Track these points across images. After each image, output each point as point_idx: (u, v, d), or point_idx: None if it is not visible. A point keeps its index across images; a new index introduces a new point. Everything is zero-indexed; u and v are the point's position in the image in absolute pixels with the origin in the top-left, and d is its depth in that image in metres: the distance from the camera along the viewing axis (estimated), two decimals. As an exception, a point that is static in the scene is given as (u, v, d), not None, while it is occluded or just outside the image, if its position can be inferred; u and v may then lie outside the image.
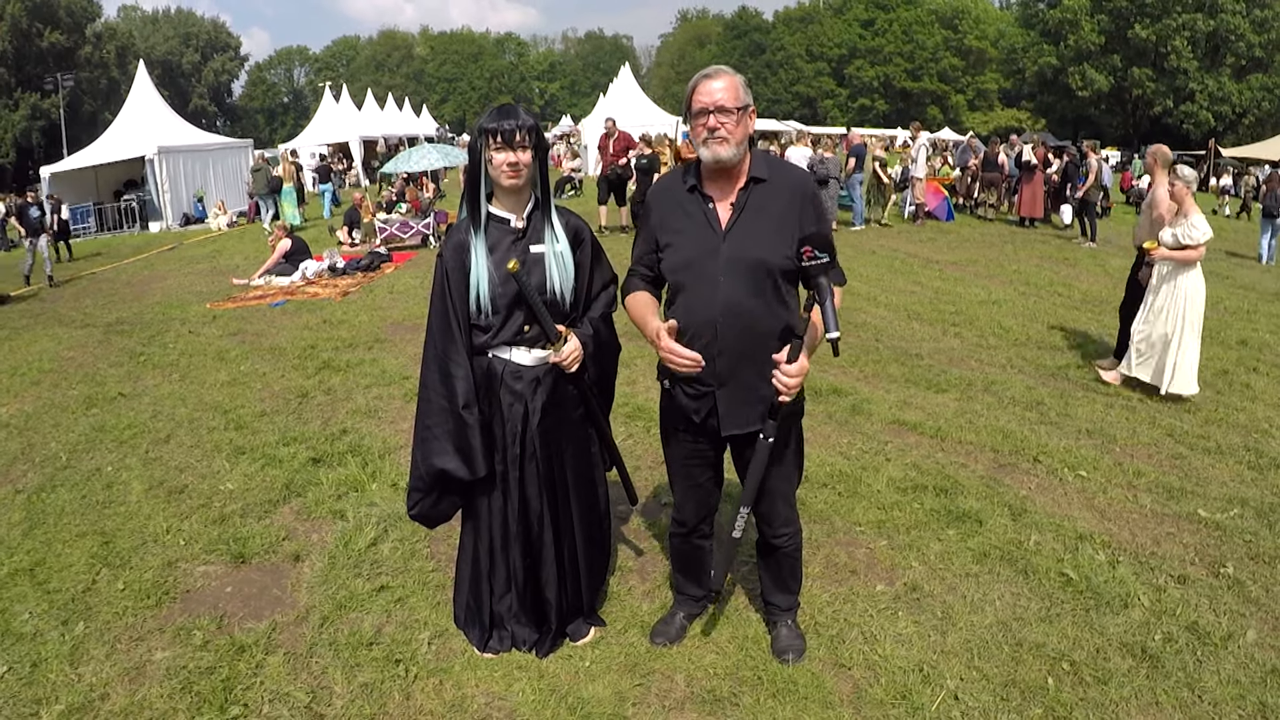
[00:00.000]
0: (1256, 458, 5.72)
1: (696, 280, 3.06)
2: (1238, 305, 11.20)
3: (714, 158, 2.99)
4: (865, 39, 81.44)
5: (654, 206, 3.23)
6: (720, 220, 3.06)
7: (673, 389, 3.25)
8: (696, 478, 3.38)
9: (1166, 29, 50.91)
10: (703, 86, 3.00)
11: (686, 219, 3.11)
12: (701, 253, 3.04)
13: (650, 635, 3.66)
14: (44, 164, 27.64)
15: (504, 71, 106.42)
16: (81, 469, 5.85)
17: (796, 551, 3.51)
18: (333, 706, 3.31)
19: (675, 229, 3.12)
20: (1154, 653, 3.54)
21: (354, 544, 4.53)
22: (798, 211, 3.05)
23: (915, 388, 7.20)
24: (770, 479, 3.24)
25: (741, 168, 3.08)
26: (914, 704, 3.24)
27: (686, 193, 3.12)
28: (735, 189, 3.08)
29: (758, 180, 3.07)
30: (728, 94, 2.96)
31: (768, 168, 3.11)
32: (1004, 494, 5.07)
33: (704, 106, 2.97)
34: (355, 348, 8.94)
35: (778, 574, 3.56)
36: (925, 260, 14.02)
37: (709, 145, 2.98)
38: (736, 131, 2.97)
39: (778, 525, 3.39)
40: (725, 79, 2.99)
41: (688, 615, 3.73)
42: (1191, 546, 4.50)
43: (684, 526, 3.52)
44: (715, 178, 3.10)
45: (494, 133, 3.11)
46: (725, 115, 2.95)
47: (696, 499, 3.42)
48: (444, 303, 3.26)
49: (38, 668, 3.60)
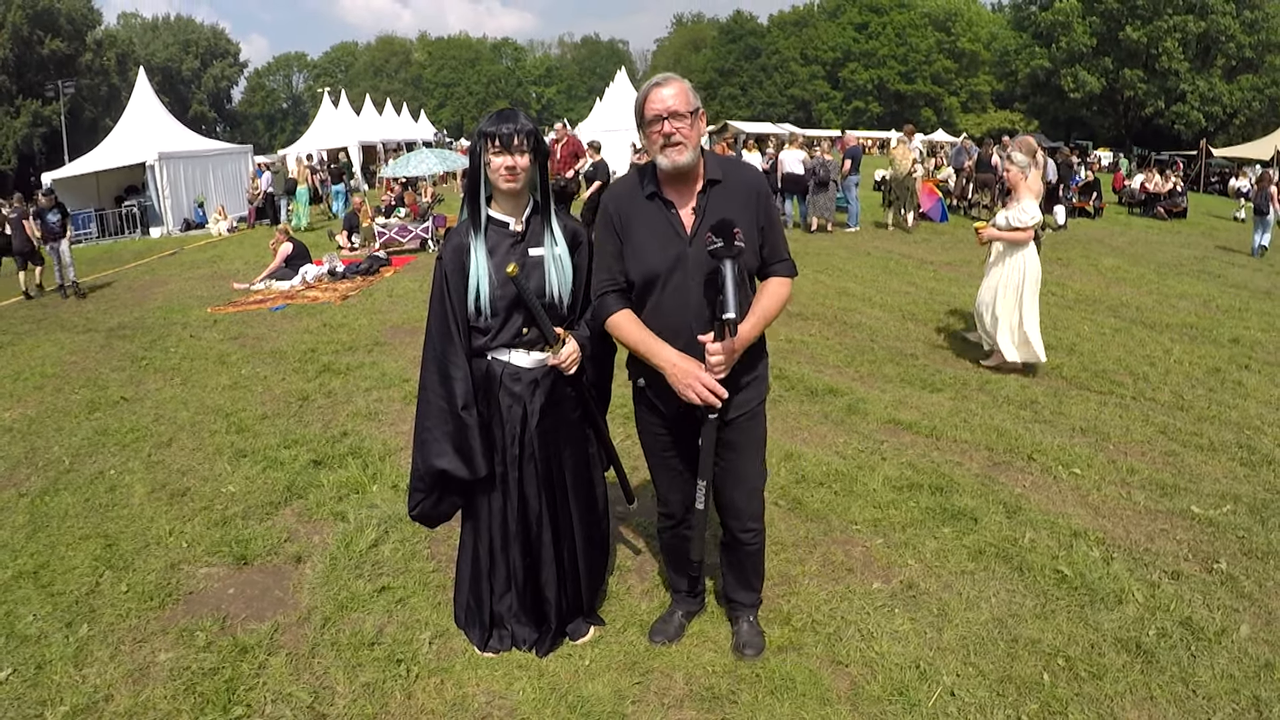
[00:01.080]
0: (1249, 454, 5.73)
1: (666, 286, 3.08)
2: (1229, 303, 11.21)
3: (672, 164, 3.01)
4: (859, 42, 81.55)
5: (613, 214, 3.19)
6: (685, 225, 3.08)
7: (646, 388, 3.27)
8: (676, 466, 3.38)
9: (1157, 30, 51.02)
10: (654, 94, 3.01)
11: (650, 226, 3.11)
12: (669, 259, 3.06)
13: (649, 634, 3.66)
14: (45, 170, 27.60)
15: (501, 76, 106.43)
16: (84, 472, 5.84)
17: (760, 550, 3.53)
18: (335, 706, 3.31)
19: (640, 237, 3.12)
20: (1148, 648, 3.55)
21: (355, 545, 4.53)
22: (754, 209, 3.11)
23: (910, 387, 7.21)
24: (739, 466, 3.29)
25: (698, 170, 3.11)
26: (911, 700, 3.24)
27: (646, 200, 3.12)
28: (694, 192, 3.11)
29: (714, 182, 3.10)
30: (679, 99, 2.98)
31: (722, 169, 3.15)
32: (999, 492, 5.08)
33: (657, 113, 2.98)
34: (355, 351, 8.94)
35: (741, 571, 3.57)
36: (920, 261, 14.04)
37: (667, 152, 3.00)
38: (691, 135, 3.00)
39: (746, 519, 3.40)
40: (675, 85, 3.02)
41: (686, 614, 3.74)
42: (1185, 543, 4.51)
43: (671, 519, 3.51)
44: (673, 183, 3.11)
45: (492, 137, 3.12)
46: (679, 120, 2.97)
47: (680, 488, 3.40)
48: (443, 305, 3.26)
49: (42, 670, 3.60)
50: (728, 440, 3.26)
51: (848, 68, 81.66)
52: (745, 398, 3.22)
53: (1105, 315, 10.17)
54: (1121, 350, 8.51)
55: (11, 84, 58.43)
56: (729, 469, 3.33)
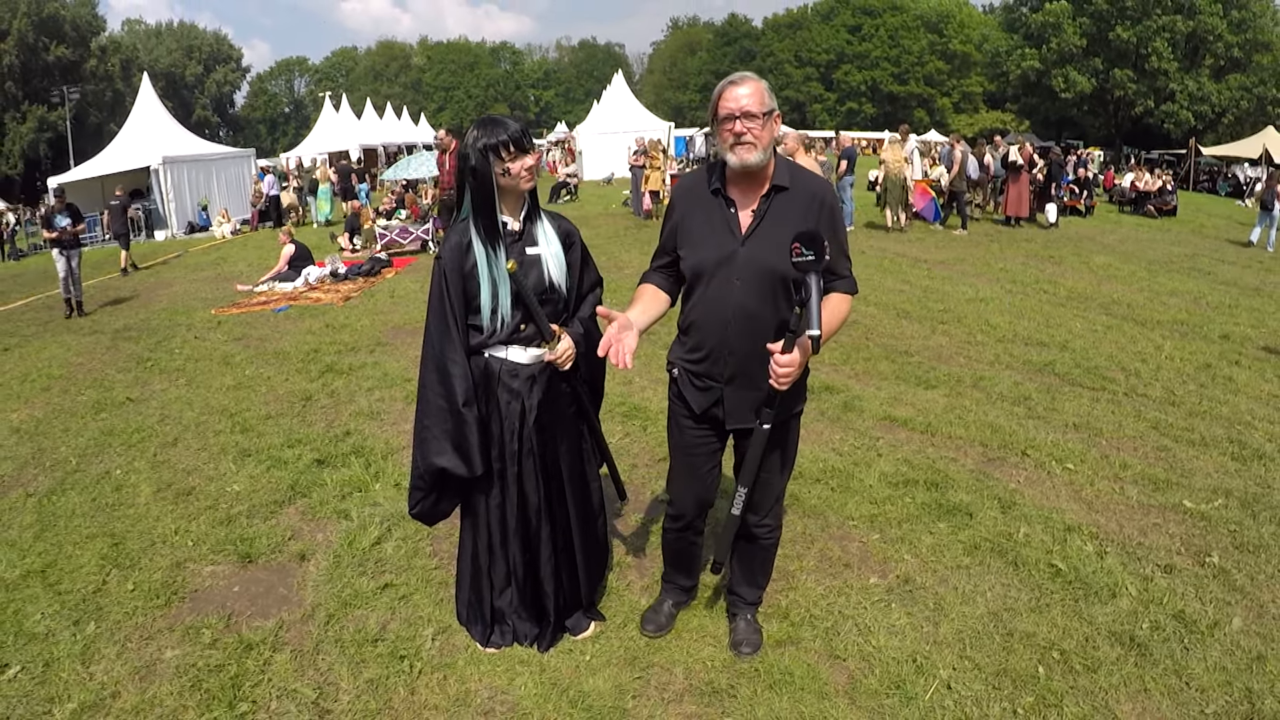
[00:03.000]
0: (1240, 449, 5.72)
1: (712, 281, 3.06)
2: (1219, 300, 11.22)
3: (741, 163, 2.95)
4: (852, 44, 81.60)
5: (678, 204, 3.22)
6: (741, 226, 3.04)
7: (681, 378, 3.25)
8: (699, 468, 3.35)
9: (1147, 31, 50.92)
10: (729, 93, 2.95)
11: (708, 220, 3.09)
12: (720, 256, 3.02)
13: (641, 623, 3.66)
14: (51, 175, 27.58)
15: (499, 80, 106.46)
16: (91, 472, 5.83)
17: (774, 546, 3.51)
18: (339, 702, 3.31)
19: (696, 229, 3.11)
20: (1142, 641, 3.54)
21: (358, 543, 4.52)
22: (814, 220, 3.02)
23: (905, 384, 7.20)
24: (765, 469, 3.24)
25: (766, 173, 3.05)
26: (908, 694, 3.24)
27: (710, 194, 3.10)
28: (758, 195, 3.06)
29: (780, 188, 3.05)
30: (754, 99, 2.92)
31: (790, 175, 3.08)
32: (993, 487, 5.07)
33: (730, 112, 2.92)
34: (357, 351, 8.93)
35: (750, 566, 3.56)
36: (914, 259, 14.03)
37: (736, 151, 2.94)
38: (763, 136, 2.93)
39: (763, 514, 3.38)
40: (751, 84, 2.95)
41: (675, 604, 3.74)
42: (1177, 537, 4.51)
43: (680, 520, 3.49)
44: (739, 182, 3.07)
45: (507, 144, 3.11)
46: (751, 120, 2.91)
47: (696, 491, 3.39)
48: (442, 304, 3.25)
49: (50, 667, 3.59)
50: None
51: (841, 69, 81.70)
52: (783, 408, 3.16)
53: (1097, 312, 10.16)
54: (1113, 347, 8.51)
55: (18, 90, 58.41)
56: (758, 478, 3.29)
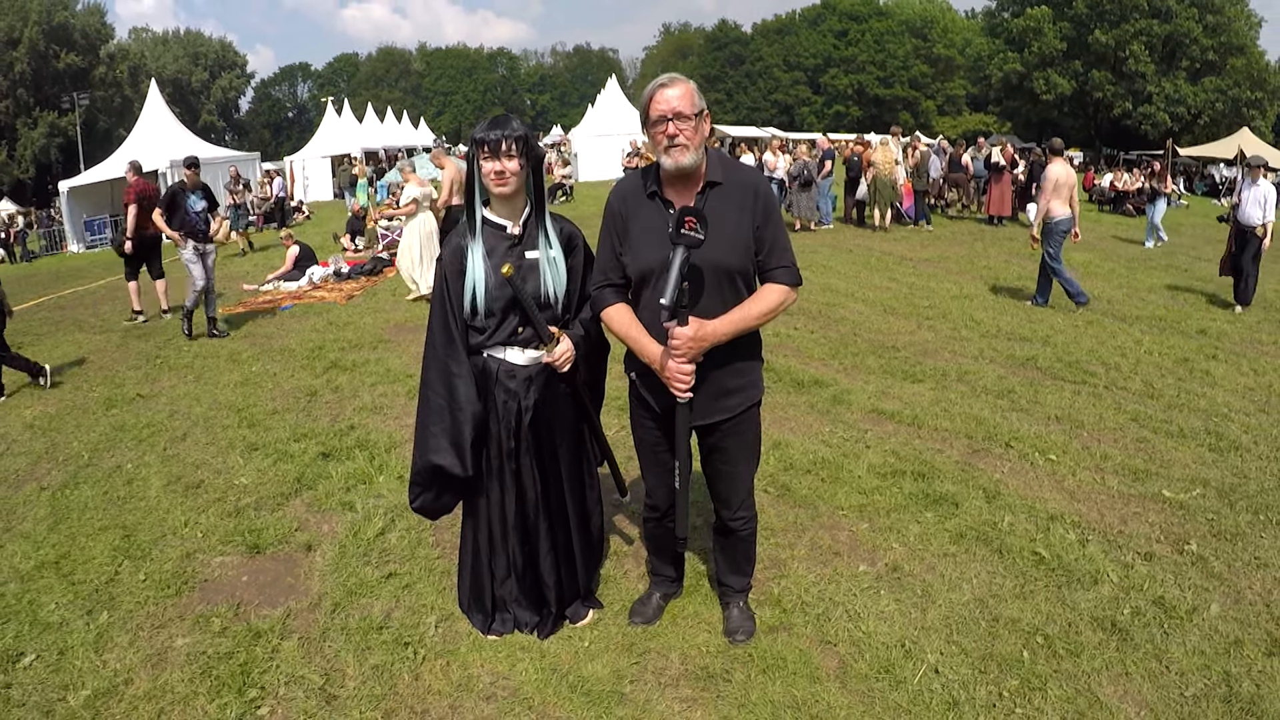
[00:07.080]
0: (1217, 440, 5.74)
1: (658, 283, 2.96)
2: (1196, 296, 11.24)
3: (675, 165, 2.92)
4: (839, 49, 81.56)
5: (616, 212, 3.14)
6: None
7: (637, 382, 3.23)
8: (664, 460, 3.32)
9: (1125, 34, 51.03)
10: (659, 95, 2.91)
11: (647, 225, 3.04)
12: (663, 257, 2.91)
13: (629, 615, 3.66)
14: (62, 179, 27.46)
15: (497, 85, 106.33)
16: (103, 466, 5.81)
17: (751, 536, 3.50)
18: (345, 688, 3.30)
19: (638, 234, 3.06)
20: (1123, 626, 3.55)
21: (363, 534, 4.52)
22: (750, 210, 3.00)
23: (892, 378, 7.21)
24: (729, 463, 3.25)
25: (700, 172, 3.02)
26: (897, 677, 3.24)
27: (647, 198, 3.06)
28: (693, 194, 3.02)
29: (713, 184, 3.01)
30: (684, 100, 2.88)
31: (722, 170, 3.05)
32: (978, 478, 5.08)
33: (662, 114, 2.88)
34: (360, 348, 8.91)
35: (733, 557, 3.56)
36: (899, 257, 14.03)
37: (670, 153, 2.90)
38: (695, 137, 2.90)
39: (736, 508, 3.37)
40: (681, 86, 2.91)
41: (664, 596, 3.74)
42: (1157, 525, 4.52)
43: (656, 511, 3.48)
44: (675, 183, 3.03)
45: (482, 143, 3.10)
46: (683, 121, 2.87)
47: (666, 481, 3.35)
48: (443, 306, 3.24)
49: (64, 655, 3.58)
50: (717, 445, 3.23)
51: (828, 73, 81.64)
52: (733, 403, 3.15)
53: (1088, 311, 10.17)
54: (1093, 342, 8.52)
55: (29, 96, 58.23)
56: (720, 471, 3.30)
